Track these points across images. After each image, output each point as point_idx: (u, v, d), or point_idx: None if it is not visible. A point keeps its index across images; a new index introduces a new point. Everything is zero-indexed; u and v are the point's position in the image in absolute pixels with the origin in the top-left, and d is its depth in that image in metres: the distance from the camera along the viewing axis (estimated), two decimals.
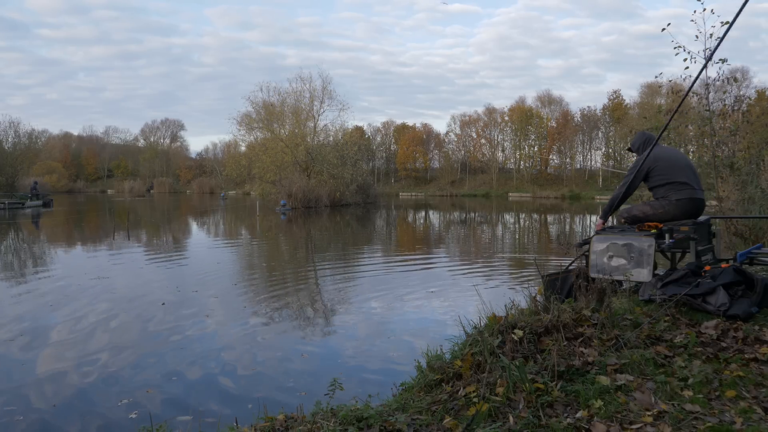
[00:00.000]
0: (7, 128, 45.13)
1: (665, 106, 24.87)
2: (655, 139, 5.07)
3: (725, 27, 8.09)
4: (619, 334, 3.36)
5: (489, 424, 2.53)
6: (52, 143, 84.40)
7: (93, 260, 12.55)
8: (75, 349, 5.89)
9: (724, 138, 9.85)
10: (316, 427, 2.68)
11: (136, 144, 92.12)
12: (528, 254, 13.98)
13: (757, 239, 8.16)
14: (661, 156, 4.99)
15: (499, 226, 24.84)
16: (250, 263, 12.81)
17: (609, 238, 4.74)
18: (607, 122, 63.25)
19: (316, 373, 5.14)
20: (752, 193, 9.09)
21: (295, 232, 20.96)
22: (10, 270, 11.43)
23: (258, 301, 8.35)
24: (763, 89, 42.44)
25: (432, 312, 7.37)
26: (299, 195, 32.26)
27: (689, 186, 4.94)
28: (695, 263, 4.40)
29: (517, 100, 72.05)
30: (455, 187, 67.70)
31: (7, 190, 38.76)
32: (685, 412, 2.50)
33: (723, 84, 9.08)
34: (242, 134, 42.67)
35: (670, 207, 4.88)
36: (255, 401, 4.32)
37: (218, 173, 73.21)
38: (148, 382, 4.92)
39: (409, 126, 76.05)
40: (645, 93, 55.86)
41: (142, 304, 7.89)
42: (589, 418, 2.51)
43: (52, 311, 7.45)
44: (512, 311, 3.87)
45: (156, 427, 2.98)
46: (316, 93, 41.03)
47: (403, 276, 10.36)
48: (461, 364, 3.19)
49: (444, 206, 42.11)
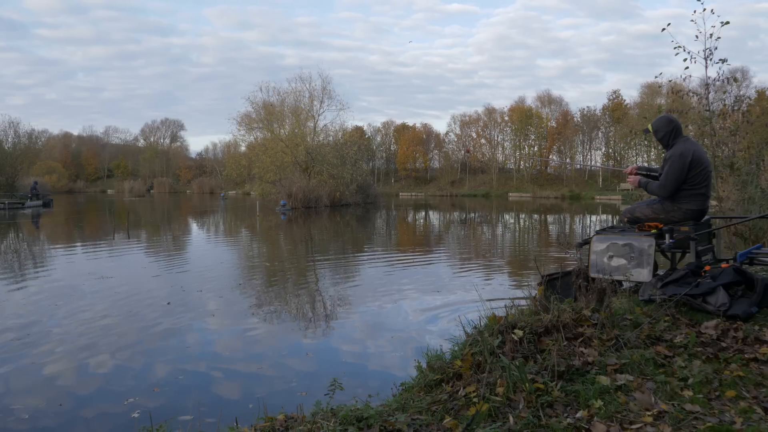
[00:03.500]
0: (6, 128, 45.12)
1: (665, 106, 24.88)
2: (681, 127, 4.89)
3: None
4: (619, 334, 3.36)
5: (489, 424, 2.53)
6: (52, 143, 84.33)
7: (94, 260, 12.55)
8: (81, 348, 5.91)
9: (724, 138, 9.84)
10: (316, 427, 2.68)
11: (136, 144, 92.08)
12: (528, 254, 13.98)
13: (757, 239, 8.16)
14: (696, 161, 4.68)
15: (499, 226, 24.83)
16: (253, 263, 12.81)
17: (609, 238, 4.73)
18: (607, 122, 63.24)
19: (316, 373, 5.14)
20: (752, 193, 9.08)
21: (295, 232, 20.96)
22: (13, 270, 11.43)
23: (260, 300, 8.36)
24: (763, 89, 42.40)
25: (432, 312, 7.37)
26: (299, 195, 32.24)
27: (706, 196, 4.81)
28: (695, 263, 4.40)
29: (516, 100, 72.03)
30: (455, 187, 67.67)
31: (7, 190, 38.73)
32: (685, 412, 2.50)
33: (723, 84, 9.07)
34: (242, 134, 42.65)
35: (677, 213, 4.78)
36: (255, 401, 4.32)
37: (218, 173, 73.19)
38: (155, 381, 4.95)
39: (409, 126, 75.99)
40: (645, 93, 55.84)
41: (147, 304, 7.91)
42: (589, 418, 2.51)
43: (57, 311, 7.46)
44: (512, 311, 3.88)
45: (156, 427, 2.99)
46: (316, 93, 41.06)
47: (403, 276, 10.35)
48: (461, 364, 3.19)
49: (444, 206, 42.11)
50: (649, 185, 4.91)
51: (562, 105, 66.86)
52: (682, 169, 4.66)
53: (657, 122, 4.97)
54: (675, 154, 4.70)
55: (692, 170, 4.67)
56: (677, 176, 4.67)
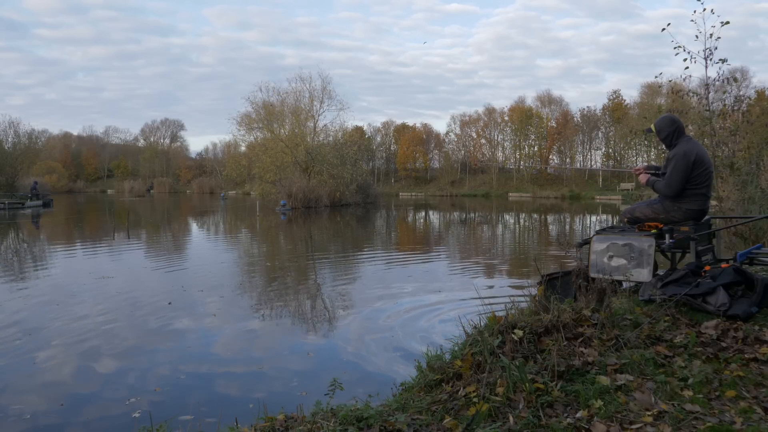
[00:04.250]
0: (6, 128, 45.15)
1: (665, 106, 24.88)
2: (683, 127, 4.88)
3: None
4: (619, 334, 3.36)
5: (489, 424, 2.53)
6: (52, 143, 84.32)
7: (95, 260, 12.56)
8: (82, 348, 5.91)
9: (724, 138, 9.83)
10: (316, 427, 2.68)
11: (136, 144, 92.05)
12: (528, 254, 13.98)
13: (757, 239, 8.16)
14: (700, 161, 4.68)
15: (499, 226, 24.83)
16: (253, 263, 12.81)
17: (609, 238, 4.73)
18: (607, 122, 63.22)
19: (316, 373, 5.14)
20: (752, 193, 9.08)
21: (295, 232, 20.96)
22: (14, 270, 11.44)
23: (261, 300, 8.38)
24: (763, 89, 42.39)
25: (432, 312, 7.37)
26: (299, 195, 32.24)
27: (706, 196, 4.82)
28: (695, 263, 4.40)
29: (516, 100, 71.97)
30: (455, 187, 67.64)
31: (7, 190, 38.74)
32: (685, 412, 2.50)
33: (723, 84, 9.07)
34: (242, 134, 42.60)
35: (677, 213, 4.78)
36: (255, 401, 4.32)
37: (218, 173, 73.16)
38: (156, 381, 4.95)
39: (409, 126, 75.96)
40: (645, 93, 55.84)
41: (149, 304, 7.93)
42: (589, 418, 2.51)
43: (58, 311, 7.46)
44: (512, 311, 3.88)
45: (156, 427, 2.99)
46: (316, 93, 41.01)
47: (403, 276, 10.36)
48: (461, 364, 3.19)
49: (444, 206, 42.11)
50: (656, 183, 4.90)
51: (562, 105, 66.87)
52: (686, 168, 4.66)
53: (660, 122, 4.95)
54: (679, 154, 4.70)
55: (695, 170, 4.67)
56: (682, 175, 4.67)
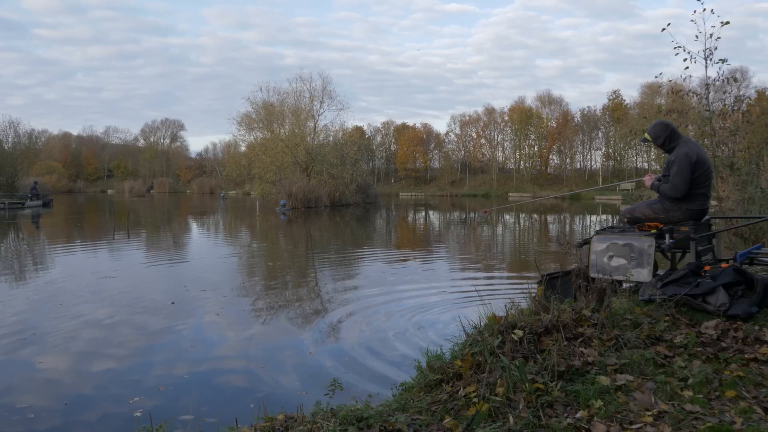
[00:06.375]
0: (6, 128, 45.30)
1: (665, 106, 24.86)
2: (677, 129, 4.91)
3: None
4: (619, 334, 3.36)
5: (489, 424, 2.53)
6: (52, 143, 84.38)
7: (95, 260, 12.55)
8: (85, 348, 5.92)
9: (724, 138, 9.83)
10: (316, 427, 2.68)
11: (136, 144, 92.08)
12: (528, 254, 13.98)
13: (757, 239, 8.15)
14: (701, 162, 4.71)
15: (499, 226, 24.83)
16: (254, 263, 12.81)
17: (609, 238, 4.74)
18: (607, 122, 63.22)
19: (316, 373, 5.14)
20: (752, 193, 9.08)
21: (295, 232, 20.96)
22: (16, 271, 11.43)
23: (262, 300, 8.39)
24: (763, 89, 42.47)
25: (432, 312, 7.37)
26: (299, 195, 32.24)
27: (706, 197, 4.83)
28: (695, 263, 4.40)
29: (516, 100, 72.07)
30: (455, 187, 67.66)
31: (7, 190, 38.73)
32: (685, 412, 2.50)
33: (723, 84, 9.07)
34: (242, 134, 42.62)
35: (677, 213, 4.79)
36: (255, 401, 4.32)
37: (218, 173, 73.17)
38: (159, 381, 4.96)
39: (409, 126, 75.99)
40: (645, 93, 55.85)
41: (151, 303, 7.95)
42: (589, 418, 2.51)
43: (60, 311, 7.45)
44: (512, 311, 3.88)
45: (156, 426, 2.99)
46: (316, 93, 40.98)
47: (403, 276, 10.36)
48: (461, 364, 3.19)
49: (444, 206, 42.11)
50: (661, 187, 4.91)
51: (562, 105, 66.91)
52: (689, 169, 4.67)
53: (653, 129, 4.95)
54: (680, 156, 4.71)
55: (697, 170, 4.69)
56: (686, 176, 4.68)
